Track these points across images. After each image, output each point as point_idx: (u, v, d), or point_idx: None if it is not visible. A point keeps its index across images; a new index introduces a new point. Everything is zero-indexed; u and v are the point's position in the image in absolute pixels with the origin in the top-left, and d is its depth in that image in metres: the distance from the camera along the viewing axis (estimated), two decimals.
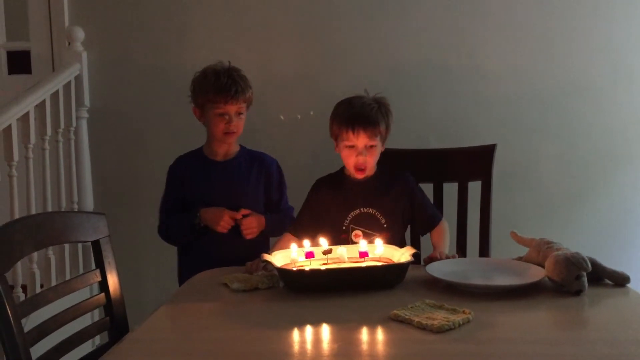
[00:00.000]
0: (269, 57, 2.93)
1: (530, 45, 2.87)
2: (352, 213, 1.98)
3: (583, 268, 1.51)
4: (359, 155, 1.94)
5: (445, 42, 2.88)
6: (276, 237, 2.12)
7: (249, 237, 2.06)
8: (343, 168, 2.05)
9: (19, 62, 3.25)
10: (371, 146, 1.94)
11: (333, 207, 2.01)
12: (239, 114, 2.08)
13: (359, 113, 1.93)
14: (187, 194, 2.10)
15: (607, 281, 1.60)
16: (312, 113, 2.92)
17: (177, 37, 2.95)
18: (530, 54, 2.88)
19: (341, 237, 1.96)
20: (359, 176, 1.98)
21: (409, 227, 2.12)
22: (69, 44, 2.90)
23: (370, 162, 1.97)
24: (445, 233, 2.04)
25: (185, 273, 2.09)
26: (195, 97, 2.10)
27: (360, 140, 1.93)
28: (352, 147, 1.94)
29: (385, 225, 1.97)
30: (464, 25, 2.88)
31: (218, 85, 2.03)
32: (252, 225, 2.05)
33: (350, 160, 1.97)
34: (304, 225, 2.02)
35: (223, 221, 2.01)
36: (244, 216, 2.05)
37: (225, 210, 2.03)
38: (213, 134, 2.10)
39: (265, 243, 2.16)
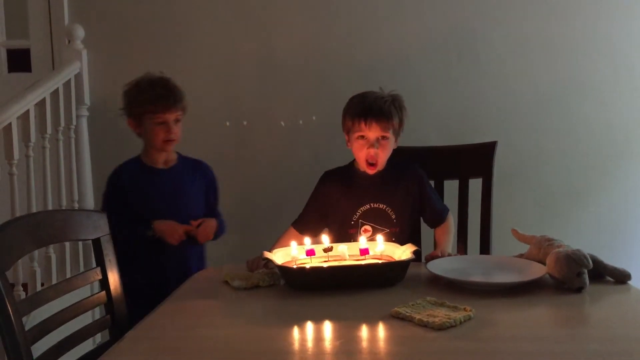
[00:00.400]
0: (272, 54, 2.93)
1: (531, 44, 2.87)
2: (361, 208, 1.97)
3: (584, 265, 1.51)
4: (371, 147, 1.91)
5: (447, 40, 2.88)
6: (214, 240, 2.15)
7: (204, 241, 2.12)
8: (352, 162, 2.03)
9: (19, 61, 3.24)
10: (383, 138, 1.92)
11: (342, 201, 1.99)
12: (177, 121, 2.10)
13: (372, 105, 1.92)
14: (132, 204, 2.08)
15: (608, 278, 1.60)
16: (314, 118, 2.93)
17: (178, 34, 2.95)
18: (531, 52, 2.88)
19: (349, 232, 1.95)
20: (370, 172, 1.96)
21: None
22: (69, 42, 2.90)
23: (382, 157, 1.94)
24: (449, 230, 2.04)
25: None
26: (130, 109, 2.10)
27: (373, 131, 1.91)
28: (363, 138, 1.92)
29: (395, 221, 1.97)
30: (465, 23, 2.88)
31: (156, 95, 2.05)
32: (207, 230, 2.09)
33: (361, 154, 1.94)
34: (310, 220, 2.02)
35: (177, 234, 2.04)
36: (197, 226, 2.08)
37: (180, 225, 2.05)
38: (153, 143, 2.10)
39: (198, 248, 2.17)
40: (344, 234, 1.94)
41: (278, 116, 2.95)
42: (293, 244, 1.73)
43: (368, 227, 1.95)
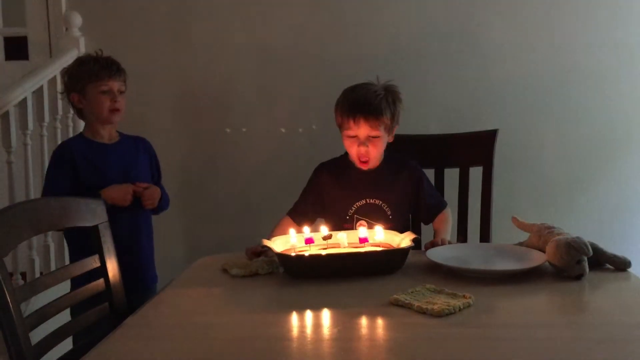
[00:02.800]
0: (270, 44, 2.92)
1: (532, 31, 2.86)
2: (357, 203, 1.93)
3: (584, 252, 1.50)
4: (361, 145, 1.88)
5: (447, 27, 2.87)
6: (157, 214, 2.15)
7: (149, 207, 2.10)
8: (347, 153, 1.99)
9: (16, 48, 3.22)
10: (374, 137, 1.88)
11: (337, 196, 1.96)
12: (121, 92, 2.10)
13: (361, 101, 1.85)
14: (83, 177, 2.04)
15: (608, 266, 1.59)
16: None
17: (175, 22, 2.93)
18: (532, 40, 2.86)
19: (344, 227, 1.92)
20: (363, 167, 1.93)
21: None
22: (66, 29, 2.89)
23: (374, 153, 1.90)
24: (447, 220, 2.01)
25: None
26: (73, 83, 2.07)
27: (362, 130, 1.86)
28: (353, 137, 1.89)
29: (390, 217, 1.94)
30: (466, 10, 2.86)
31: (100, 65, 2.06)
32: (154, 196, 2.09)
33: (352, 151, 1.91)
34: (305, 210, 1.99)
35: (129, 195, 2.02)
36: (144, 189, 2.07)
37: (129, 185, 2.04)
38: (98, 114, 2.07)
39: (147, 218, 2.17)
40: (340, 228, 1.91)
41: (274, 106, 2.95)
42: (292, 231, 1.73)
43: (363, 222, 1.92)
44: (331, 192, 1.98)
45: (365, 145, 1.87)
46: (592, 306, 1.46)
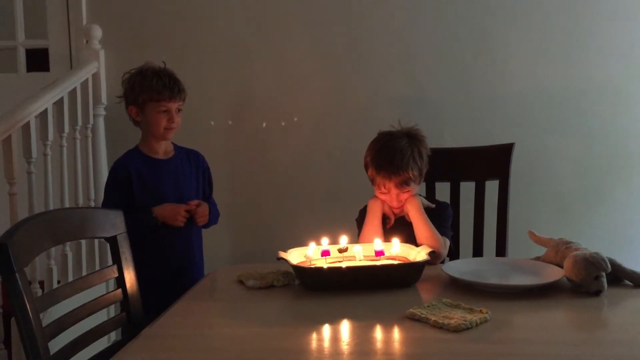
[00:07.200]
0: (285, 57, 2.94)
1: (547, 45, 2.85)
2: None
3: (602, 268, 1.49)
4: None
5: (462, 42, 2.87)
6: (207, 228, 2.17)
7: (201, 223, 2.12)
8: None
9: (38, 60, 3.28)
10: (405, 191, 1.94)
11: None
12: (179, 110, 2.13)
13: (388, 163, 1.91)
14: (136, 195, 2.07)
15: (627, 282, 1.58)
16: (320, 117, 2.92)
17: (194, 35, 2.96)
18: (547, 54, 2.85)
19: None
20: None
21: None
22: (87, 42, 2.92)
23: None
24: (440, 241, 1.89)
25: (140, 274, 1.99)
26: (134, 96, 2.10)
27: (392, 191, 1.94)
28: (385, 192, 1.95)
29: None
30: (481, 24, 2.86)
31: (161, 84, 2.07)
32: (205, 212, 2.11)
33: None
34: None
35: (181, 215, 2.05)
36: (196, 206, 2.09)
37: (180, 205, 2.07)
38: (153, 131, 2.11)
39: (199, 233, 2.19)
40: None
41: (291, 115, 2.96)
42: (311, 245, 1.73)
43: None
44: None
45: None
46: (610, 323, 1.44)
